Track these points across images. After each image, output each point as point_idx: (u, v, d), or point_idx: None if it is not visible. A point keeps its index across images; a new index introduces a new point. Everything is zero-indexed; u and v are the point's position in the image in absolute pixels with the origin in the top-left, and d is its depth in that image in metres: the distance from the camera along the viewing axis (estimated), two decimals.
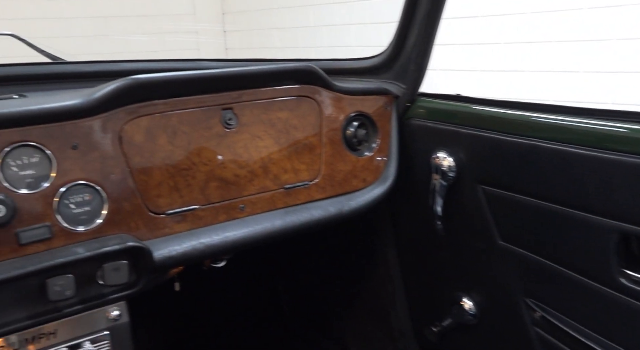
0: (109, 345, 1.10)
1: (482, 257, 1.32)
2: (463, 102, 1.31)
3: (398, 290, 1.64)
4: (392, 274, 1.63)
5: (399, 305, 1.66)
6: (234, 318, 2.14)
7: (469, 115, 1.27)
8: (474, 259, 1.34)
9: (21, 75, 1.27)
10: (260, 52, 6.16)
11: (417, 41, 1.31)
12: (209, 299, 2.06)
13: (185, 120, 1.18)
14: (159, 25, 6.03)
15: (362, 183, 1.39)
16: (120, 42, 5.75)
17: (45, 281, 0.98)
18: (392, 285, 1.65)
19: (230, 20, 6.58)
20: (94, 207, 1.08)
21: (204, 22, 6.46)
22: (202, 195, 1.20)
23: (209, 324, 2.08)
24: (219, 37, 6.66)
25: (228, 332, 2.11)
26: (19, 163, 1.01)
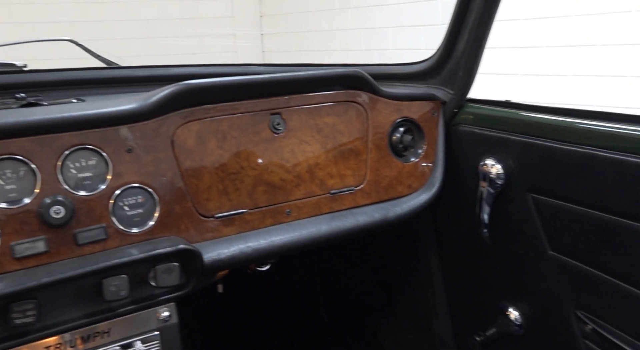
0: (159, 346, 1.12)
1: (530, 266, 1.29)
2: (513, 109, 1.29)
3: (440, 298, 1.63)
4: (434, 281, 1.61)
5: (440, 313, 1.64)
6: (273, 321, 2.15)
7: (520, 122, 1.25)
8: (522, 269, 1.32)
9: (79, 80, 1.31)
10: (297, 55, 6.19)
11: (466, 46, 1.29)
12: (249, 302, 2.08)
13: (235, 125, 1.19)
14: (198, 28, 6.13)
15: (408, 189, 1.38)
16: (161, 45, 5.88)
17: (102, 281, 1.00)
18: (434, 293, 1.63)
19: (267, 23, 6.63)
20: (146, 210, 1.11)
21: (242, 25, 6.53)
22: (250, 199, 1.21)
23: (249, 326, 2.10)
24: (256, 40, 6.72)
25: (268, 336, 2.12)
26: (77, 166, 1.04)
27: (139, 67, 1.34)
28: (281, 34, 6.42)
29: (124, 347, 1.09)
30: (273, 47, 6.63)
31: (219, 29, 6.36)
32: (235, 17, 6.54)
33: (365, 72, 1.31)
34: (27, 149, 0.99)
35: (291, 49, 6.31)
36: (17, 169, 0.99)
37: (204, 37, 6.23)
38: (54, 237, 1.01)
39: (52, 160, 1.01)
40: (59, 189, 1.02)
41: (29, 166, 0.99)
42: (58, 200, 1.00)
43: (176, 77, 1.41)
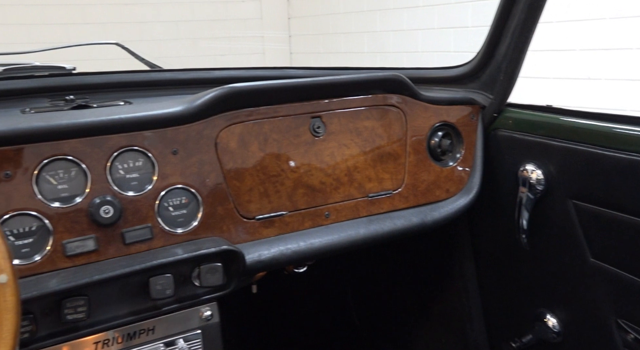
0: (200, 344, 1.15)
1: (570, 273, 1.28)
2: (554, 114, 1.28)
3: (474, 304, 1.62)
4: (469, 287, 1.60)
5: (475, 318, 1.63)
6: (304, 323, 2.16)
7: (561, 127, 1.24)
8: (561, 275, 1.31)
9: (124, 82, 1.34)
10: (325, 57, 6.21)
11: (508, 51, 1.28)
12: (280, 304, 2.10)
13: (276, 128, 1.21)
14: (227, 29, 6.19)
15: (445, 194, 1.38)
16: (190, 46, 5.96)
17: (149, 280, 1.03)
18: (468, 298, 1.62)
19: (295, 25, 6.66)
20: (190, 211, 1.13)
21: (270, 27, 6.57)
22: (290, 202, 1.23)
23: (280, 327, 2.11)
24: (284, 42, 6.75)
25: (298, 337, 2.13)
26: (125, 167, 1.07)
27: (182, 70, 1.37)
28: (309, 36, 6.44)
29: (167, 345, 1.12)
30: (301, 49, 6.65)
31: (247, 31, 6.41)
32: (263, 19, 6.58)
33: (405, 76, 1.31)
34: (79, 150, 1.02)
35: (319, 51, 6.32)
36: (69, 169, 1.02)
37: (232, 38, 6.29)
38: (102, 235, 1.04)
39: (102, 161, 1.04)
40: (108, 189, 1.05)
41: (80, 167, 1.02)
42: (107, 200, 1.03)
43: (217, 80, 1.43)
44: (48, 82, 1.24)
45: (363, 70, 1.50)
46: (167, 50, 5.80)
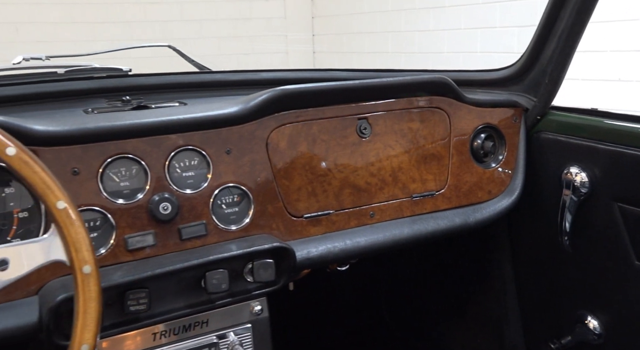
0: (250, 338, 1.18)
1: (614, 276, 1.28)
2: (600, 117, 1.29)
3: (512, 305, 1.63)
4: (507, 288, 1.61)
5: (512, 320, 1.64)
6: (337, 320, 2.19)
7: (607, 130, 1.24)
8: (604, 278, 1.31)
9: (177, 84, 1.38)
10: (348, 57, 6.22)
11: (554, 54, 1.29)
12: (315, 301, 2.12)
13: (324, 129, 1.23)
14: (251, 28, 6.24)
15: (487, 195, 1.40)
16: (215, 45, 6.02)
17: (205, 274, 1.06)
18: (506, 300, 1.63)
19: (319, 24, 6.68)
20: (242, 208, 1.16)
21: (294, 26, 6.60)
22: (336, 201, 1.25)
23: (315, 324, 2.14)
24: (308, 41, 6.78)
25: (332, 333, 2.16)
26: (182, 165, 1.11)
27: (230, 72, 1.41)
28: (332, 36, 6.46)
29: (220, 337, 1.15)
30: (324, 49, 6.67)
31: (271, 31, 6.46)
32: (287, 19, 6.62)
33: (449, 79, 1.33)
34: (140, 149, 1.06)
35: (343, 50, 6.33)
36: (131, 167, 1.06)
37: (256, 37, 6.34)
38: (161, 231, 1.07)
39: (161, 159, 1.08)
40: (166, 187, 1.08)
41: (141, 165, 1.06)
42: (165, 197, 1.07)
43: (264, 81, 1.47)
44: (106, 83, 1.29)
45: (407, 72, 1.52)
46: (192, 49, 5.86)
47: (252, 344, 1.19)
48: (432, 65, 5.07)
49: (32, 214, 0.99)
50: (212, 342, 1.15)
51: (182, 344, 1.12)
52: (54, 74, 1.24)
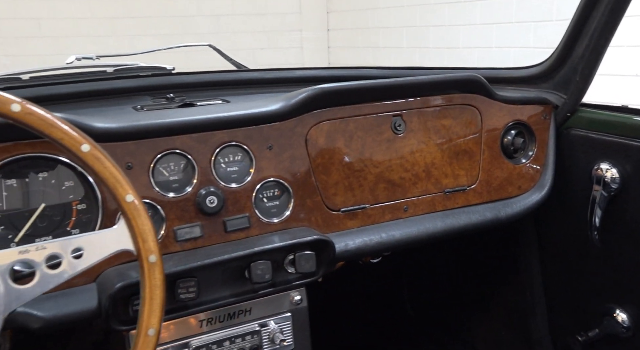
0: (290, 326, 1.22)
1: None
2: (630, 114, 1.31)
3: (538, 299, 1.66)
4: (533, 282, 1.64)
5: (538, 314, 1.67)
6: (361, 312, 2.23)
7: (638, 127, 1.27)
8: (633, 272, 1.34)
9: (217, 82, 1.42)
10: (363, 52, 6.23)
11: (585, 52, 1.32)
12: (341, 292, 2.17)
13: (361, 126, 1.27)
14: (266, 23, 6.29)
15: (518, 190, 1.43)
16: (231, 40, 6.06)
17: (250, 265, 1.11)
18: (533, 294, 1.66)
19: (334, 19, 6.70)
20: (282, 202, 1.21)
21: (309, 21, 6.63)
22: (372, 196, 1.29)
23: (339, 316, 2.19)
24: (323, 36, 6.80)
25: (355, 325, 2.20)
26: (226, 160, 1.15)
27: (266, 70, 1.45)
28: (347, 30, 6.47)
29: (261, 326, 1.20)
30: (339, 43, 6.69)
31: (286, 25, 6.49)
32: (302, 13, 6.65)
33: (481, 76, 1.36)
34: (188, 145, 1.10)
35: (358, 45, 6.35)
36: (179, 162, 1.11)
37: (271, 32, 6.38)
38: (207, 223, 1.12)
39: (207, 155, 1.12)
40: (212, 181, 1.13)
41: (189, 160, 1.11)
42: (212, 191, 1.11)
43: (299, 79, 1.51)
44: (151, 82, 1.34)
45: (437, 69, 1.55)
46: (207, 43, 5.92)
47: (292, 332, 1.23)
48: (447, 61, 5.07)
49: (90, 206, 1.04)
50: (254, 330, 1.19)
51: (227, 331, 1.17)
52: (104, 72, 1.29)
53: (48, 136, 0.75)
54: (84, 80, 1.29)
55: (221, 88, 1.41)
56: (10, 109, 0.72)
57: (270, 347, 1.21)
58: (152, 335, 0.80)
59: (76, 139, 0.75)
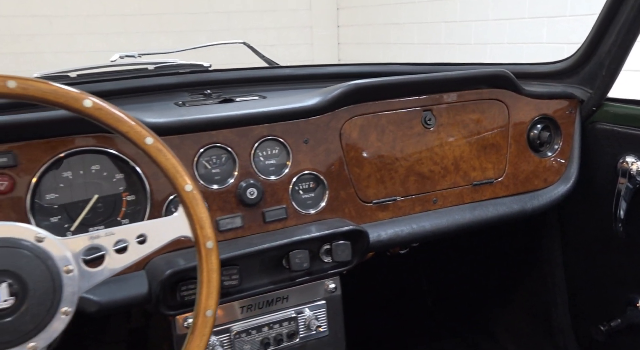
0: (324, 313, 1.27)
1: None
2: None
3: (560, 290, 1.69)
4: (556, 273, 1.67)
5: (560, 305, 1.70)
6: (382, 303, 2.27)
7: None
8: None
9: (252, 78, 1.47)
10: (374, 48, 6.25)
11: (612, 48, 1.35)
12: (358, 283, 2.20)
13: (392, 120, 1.31)
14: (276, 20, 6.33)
15: (543, 183, 1.46)
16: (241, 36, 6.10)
17: (288, 254, 1.15)
18: (555, 285, 1.69)
19: (344, 15, 6.72)
20: (317, 194, 1.25)
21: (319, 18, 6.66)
22: (402, 188, 1.33)
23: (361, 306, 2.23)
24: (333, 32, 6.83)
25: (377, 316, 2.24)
26: (265, 154, 1.20)
27: (298, 67, 1.49)
28: (357, 26, 6.49)
29: (297, 313, 1.24)
30: (349, 40, 6.71)
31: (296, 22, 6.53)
32: (312, 10, 6.68)
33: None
34: (229, 139, 1.15)
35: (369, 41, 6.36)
36: (221, 155, 1.15)
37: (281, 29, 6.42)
38: (247, 214, 1.16)
39: (247, 148, 1.17)
40: (251, 174, 1.17)
41: (230, 153, 1.15)
42: (251, 183, 1.16)
43: (329, 75, 1.54)
44: (190, 78, 1.39)
45: (465, 65, 1.59)
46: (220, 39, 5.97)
47: (326, 319, 1.27)
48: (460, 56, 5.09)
49: (138, 198, 1.09)
50: (291, 316, 1.24)
51: (265, 318, 1.21)
52: (145, 70, 1.34)
53: (115, 129, 0.79)
54: (128, 78, 1.33)
55: (255, 84, 1.46)
56: (83, 104, 0.76)
57: (306, 333, 1.25)
58: (210, 316, 0.85)
59: (141, 133, 0.80)
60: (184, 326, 1.13)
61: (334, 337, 1.29)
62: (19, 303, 0.75)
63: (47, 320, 0.77)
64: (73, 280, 0.79)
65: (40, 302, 0.77)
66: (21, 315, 0.76)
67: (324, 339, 1.27)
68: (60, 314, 0.78)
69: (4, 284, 0.74)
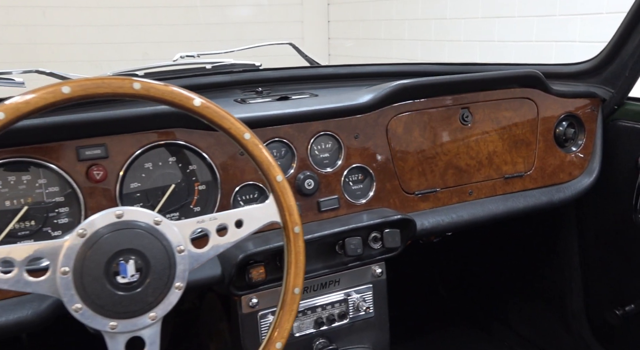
0: (371, 296, 1.35)
1: None
2: None
3: (576, 277, 1.80)
4: (572, 262, 1.78)
5: (575, 290, 1.81)
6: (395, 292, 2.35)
7: None
8: None
9: (298, 77, 1.55)
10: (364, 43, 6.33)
11: (637, 50, 1.45)
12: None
13: (433, 117, 1.39)
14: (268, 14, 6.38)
15: (568, 176, 1.56)
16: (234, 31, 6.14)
17: (344, 240, 1.23)
18: (571, 272, 1.80)
19: (334, 10, 6.79)
20: (365, 185, 1.33)
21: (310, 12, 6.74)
22: (442, 180, 1.42)
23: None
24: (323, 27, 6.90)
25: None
26: (320, 148, 1.28)
27: (339, 66, 1.58)
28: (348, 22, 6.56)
29: (347, 295, 1.33)
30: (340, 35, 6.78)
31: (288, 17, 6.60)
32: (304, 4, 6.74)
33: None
34: (289, 134, 1.23)
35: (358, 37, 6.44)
36: (281, 149, 1.23)
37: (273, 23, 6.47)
38: (304, 203, 1.24)
39: (304, 143, 1.25)
40: (308, 166, 1.25)
41: (289, 147, 1.23)
42: (308, 175, 1.24)
43: (369, 75, 1.63)
44: (243, 77, 1.47)
45: (491, 65, 1.68)
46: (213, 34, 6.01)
47: (373, 301, 1.35)
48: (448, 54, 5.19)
49: (209, 187, 1.16)
50: (342, 298, 1.32)
51: (319, 299, 1.29)
52: (203, 69, 1.42)
53: (219, 125, 0.87)
54: (189, 76, 1.40)
55: (302, 82, 1.54)
56: (193, 103, 0.84)
57: (354, 313, 1.34)
58: (297, 294, 0.93)
59: (240, 129, 0.88)
60: (248, 306, 1.21)
61: (379, 318, 1.37)
62: (143, 277, 0.84)
63: (164, 293, 0.86)
64: (184, 259, 0.87)
65: (159, 277, 0.85)
66: (145, 288, 0.84)
67: (370, 320, 1.36)
68: (174, 288, 0.87)
69: (132, 261, 0.82)
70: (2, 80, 1.19)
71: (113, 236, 0.83)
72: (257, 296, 1.22)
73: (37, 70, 1.35)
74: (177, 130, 1.12)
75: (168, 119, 1.10)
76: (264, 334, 1.24)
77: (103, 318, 0.83)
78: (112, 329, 0.83)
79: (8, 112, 0.75)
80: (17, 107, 0.75)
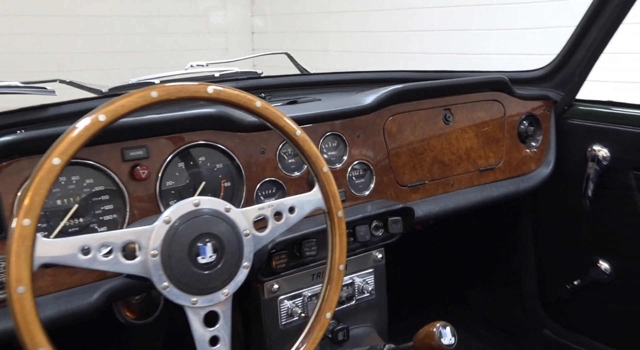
0: (372, 280, 1.47)
1: (625, 228, 1.71)
2: (616, 106, 1.71)
3: (530, 259, 2.03)
4: (528, 245, 2.01)
5: (529, 271, 2.04)
6: None
7: (622, 116, 1.66)
8: (616, 230, 1.73)
9: (296, 83, 1.69)
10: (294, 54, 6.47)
11: (583, 60, 1.70)
12: None
13: (422, 117, 1.56)
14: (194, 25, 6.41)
15: (529, 168, 1.79)
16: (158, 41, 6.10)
17: (355, 228, 1.35)
18: (525, 255, 2.03)
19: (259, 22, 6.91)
20: (366, 180, 1.47)
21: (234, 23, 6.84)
22: (429, 173, 1.58)
23: None
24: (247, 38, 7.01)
25: None
26: (327, 146, 1.41)
27: (329, 73, 1.72)
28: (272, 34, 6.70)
29: (351, 279, 1.44)
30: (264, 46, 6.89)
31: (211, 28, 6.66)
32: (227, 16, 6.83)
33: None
34: None
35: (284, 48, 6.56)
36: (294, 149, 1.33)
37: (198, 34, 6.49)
38: None
39: (316, 142, 1.37)
40: None
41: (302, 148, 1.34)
42: None
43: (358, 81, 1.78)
44: (248, 84, 1.57)
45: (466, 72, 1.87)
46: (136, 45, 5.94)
47: (374, 284, 1.48)
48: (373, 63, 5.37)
49: (233, 184, 1.26)
50: (349, 282, 1.44)
51: None
52: (212, 77, 1.50)
53: (275, 124, 0.97)
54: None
55: (299, 88, 1.67)
56: (255, 104, 0.94)
57: (359, 296, 1.46)
58: (342, 270, 1.05)
59: (292, 127, 0.99)
60: (270, 291, 1.31)
61: (379, 299, 1.50)
62: (219, 258, 0.93)
63: (235, 272, 0.95)
64: (250, 241, 0.97)
65: (231, 258, 0.94)
66: (221, 267, 0.93)
67: (372, 301, 1.49)
68: (242, 267, 0.97)
69: (209, 244, 0.91)
70: (35, 90, 1.22)
71: (193, 222, 0.91)
72: (278, 282, 1.31)
73: (60, 80, 1.38)
74: (206, 132, 1.21)
75: (199, 122, 1.18)
76: (284, 318, 1.33)
77: (186, 295, 0.91)
78: (194, 304, 0.91)
79: (108, 115, 0.82)
80: (115, 110, 0.83)
